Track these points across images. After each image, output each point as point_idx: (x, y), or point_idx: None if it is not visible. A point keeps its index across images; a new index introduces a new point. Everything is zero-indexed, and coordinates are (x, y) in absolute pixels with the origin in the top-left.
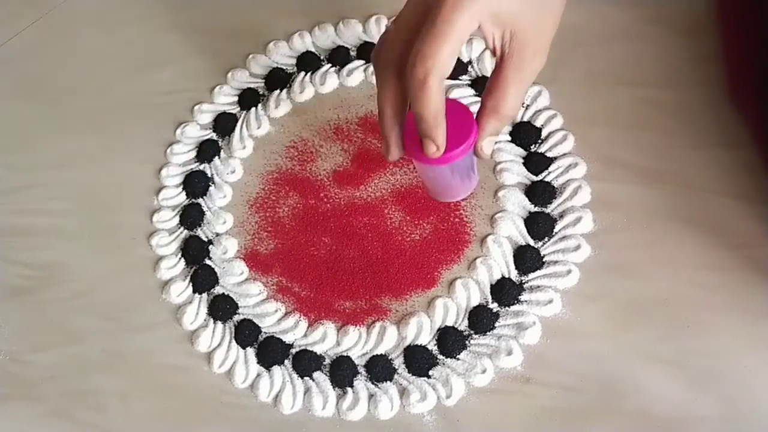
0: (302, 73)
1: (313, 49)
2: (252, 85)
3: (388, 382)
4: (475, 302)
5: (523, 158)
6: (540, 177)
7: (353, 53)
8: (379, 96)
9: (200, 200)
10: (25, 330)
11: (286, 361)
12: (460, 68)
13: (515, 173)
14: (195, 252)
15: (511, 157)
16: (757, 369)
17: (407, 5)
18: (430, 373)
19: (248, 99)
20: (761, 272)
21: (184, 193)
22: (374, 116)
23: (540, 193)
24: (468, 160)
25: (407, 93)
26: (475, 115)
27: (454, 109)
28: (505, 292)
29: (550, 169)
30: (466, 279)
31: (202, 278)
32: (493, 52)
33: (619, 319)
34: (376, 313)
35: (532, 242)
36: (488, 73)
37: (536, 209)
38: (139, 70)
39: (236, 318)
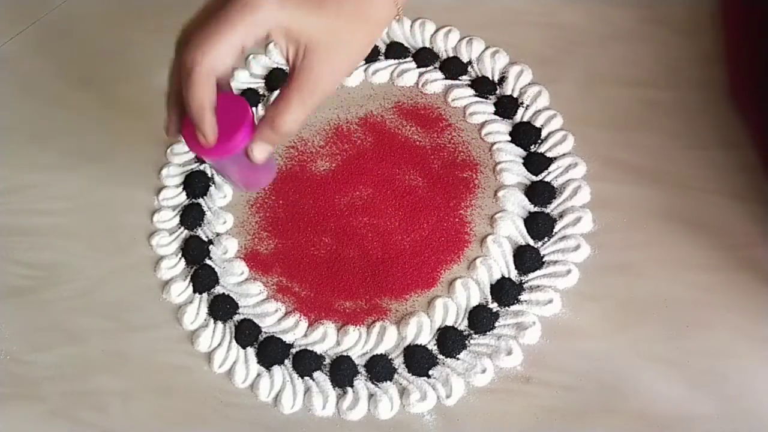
0: None
1: None
2: (252, 85)
3: (388, 381)
4: (475, 302)
5: (523, 158)
6: (540, 177)
7: None
8: (169, 71)
9: (200, 200)
10: (25, 330)
11: (286, 361)
12: (460, 68)
13: (515, 173)
14: (195, 252)
15: (511, 157)
16: (756, 369)
17: None
18: (430, 372)
19: (248, 99)
20: (760, 272)
21: (184, 193)
22: (374, 116)
23: (540, 193)
24: (243, 158)
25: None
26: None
27: (235, 106)
28: (505, 292)
29: (550, 169)
30: (466, 279)
31: (203, 278)
32: (288, 64)
33: (618, 318)
34: (376, 313)
35: (531, 242)
36: (488, 74)
37: (536, 209)
38: (139, 70)
39: (236, 318)
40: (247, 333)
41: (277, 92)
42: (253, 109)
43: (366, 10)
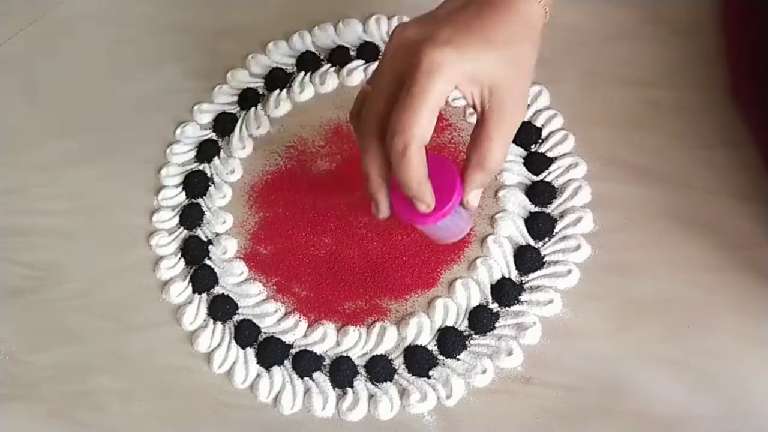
0: (302, 73)
1: (313, 49)
2: (252, 85)
3: (388, 382)
4: (475, 302)
5: (524, 158)
6: (540, 177)
7: (353, 53)
8: (363, 160)
9: (200, 200)
10: (25, 330)
11: (286, 362)
12: None
13: (515, 173)
14: (195, 252)
15: (512, 157)
16: (757, 369)
17: (382, 70)
18: (430, 373)
19: (248, 99)
20: (761, 272)
21: (183, 193)
22: None
23: (540, 193)
24: (457, 212)
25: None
26: (460, 168)
27: (437, 164)
28: (506, 292)
29: (551, 169)
30: (466, 279)
31: (202, 278)
32: (474, 108)
33: (619, 319)
34: (376, 313)
35: (532, 242)
36: None
37: (536, 209)
38: (139, 70)
39: (236, 318)
40: (246, 333)
41: (276, 92)
42: (253, 109)
43: (529, 30)
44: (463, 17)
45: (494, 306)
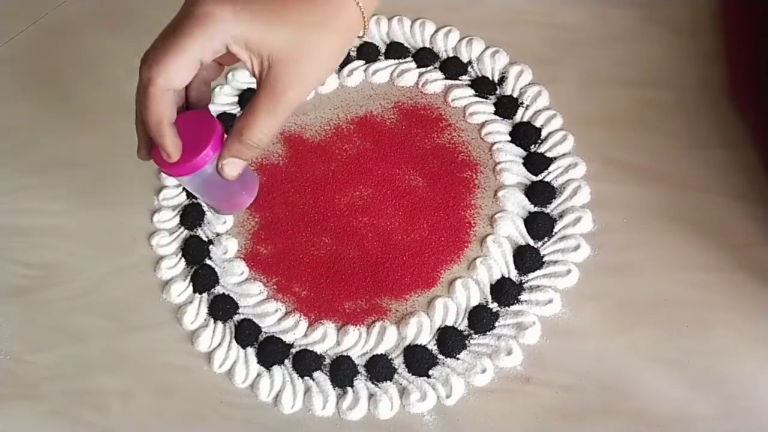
0: None
1: None
2: (252, 86)
3: (388, 381)
4: (474, 302)
5: (523, 158)
6: (540, 177)
7: (353, 53)
8: (136, 95)
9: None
10: (25, 330)
11: (286, 361)
12: (460, 68)
13: (515, 173)
14: (195, 252)
15: (511, 157)
16: (756, 368)
17: (178, 12)
18: (430, 372)
19: (248, 99)
20: (760, 272)
21: (184, 193)
22: (374, 116)
23: (540, 193)
24: (216, 177)
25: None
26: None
27: (204, 123)
28: (505, 291)
29: (550, 169)
30: (466, 279)
31: (203, 278)
32: (254, 77)
33: (618, 318)
34: (376, 312)
35: (531, 242)
36: (488, 74)
37: (536, 209)
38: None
39: (236, 318)
40: (247, 333)
41: None
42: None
43: (332, 21)
44: None
45: (494, 306)
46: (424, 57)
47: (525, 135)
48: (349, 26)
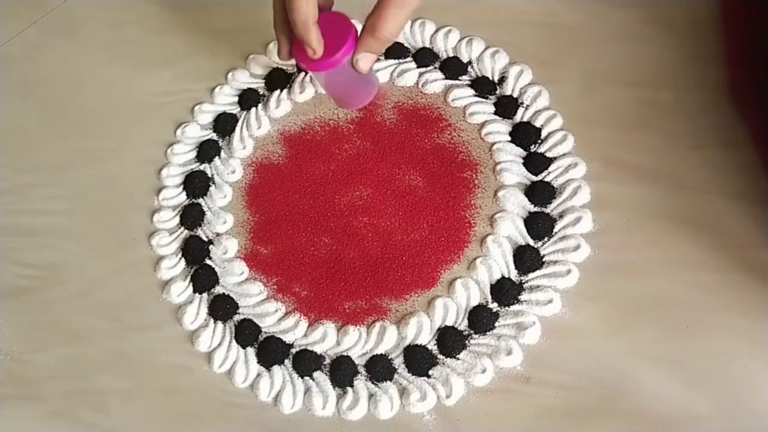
0: (302, 74)
1: None
2: (252, 86)
3: (388, 381)
4: (474, 302)
5: (523, 158)
6: (540, 177)
7: None
8: (273, 1)
9: (200, 200)
10: (25, 330)
11: (286, 361)
12: (460, 68)
13: (515, 173)
14: (195, 252)
15: (511, 157)
16: (756, 369)
17: None
18: (430, 372)
19: (248, 99)
20: (760, 272)
21: (184, 193)
22: (374, 116)
23: (540, 193)
24: (350, 72)
25: None
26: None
27: (339, 23)
28: (505, 292)
29: (550, 169)
30: (465, 279)
31: (203, 278)
32: None
33: (618, 319)
34: (376, 312)
35: (531, 242)
36: (488, 74)
37: (536, 209)
38: (139, 70)
39: (236, 318)
40: (247, 333)
41: (276, 92)
42: (254, 109)
43: None
44: None
45: (494, 306)
46: (424, 57)
47: (525, 135)
48: None
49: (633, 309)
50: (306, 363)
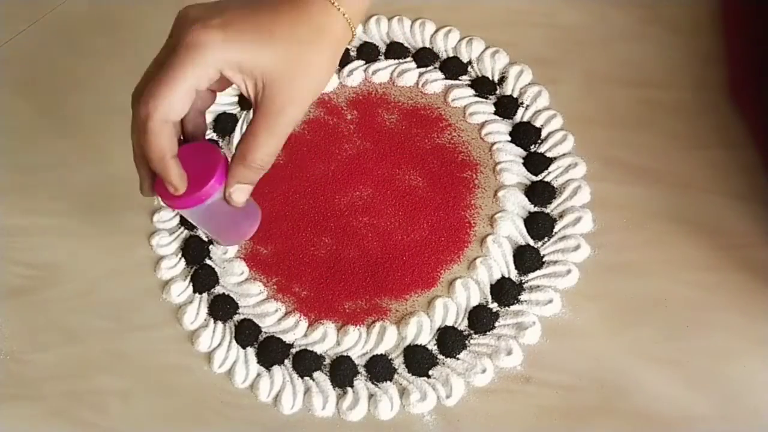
0: None
1: None
2: None
3: (388, 382)
4: (474, 302)
5: (523, 158)
6: (540, 177)
7: (353, 53)
8: (131, 132)
9: None
10: (25, 330)
11: (286, 361)
12: (460, 68)
13: (515, 173)
14: (195, 252)
15: (511, 157)
16: (756, 369)
17: (166, 42)
18: (430, 373)
19: (248, 104)
20: (760, 272)
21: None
22: (375, 116)
23: (540, 193)
24: (223, 206)
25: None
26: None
27: (208, 153)
28: (505, 291)
29: (550, 169)
30: (466, 279)
31: (203, 278)
32: (249, 100)
33: (618, 318)
34: (376, 313)
35: (531, 242)
36: (488, 74)
37: (536, 209)
38: (139, 71)
39: (236, 318)
40: (247, 333)
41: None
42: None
43: (321, 34)
44: (248, 9)
45: (494, 306)
46: (424, 57)
47: (525, 135)
48: (337, 38)
49: (633, 309)
50: (306, 363)
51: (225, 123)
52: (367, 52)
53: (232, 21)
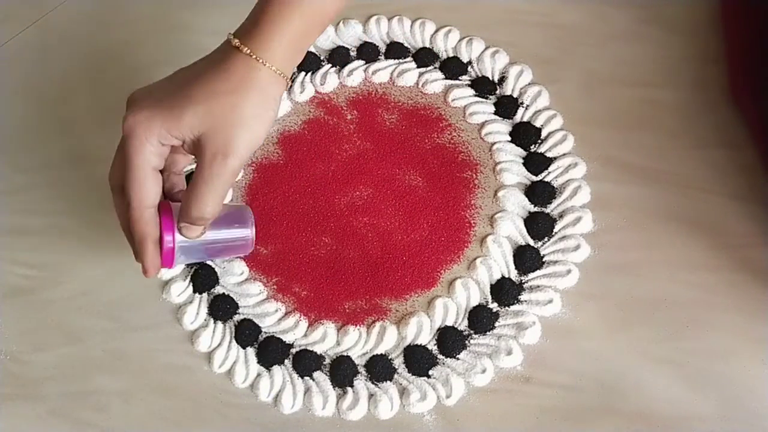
0: (302, 73)
1: (313, 49)
2: None
3: (388, 381)
4: (474, 302)
5: (523, 158)
6: (540, 177)
7: (353, 53)
8: (117, 213)
9: None
10: (25, 330)
11: (286, 361)
12: (460, 68)
13: (515, 173)
14: None
15: (511, 157)
16: (756, 369)
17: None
18: (430, 372)
19: None
20: (760, 272)
21: None
22: (375, 116)
23: (540, 193)
24: (190, 247)
25: None
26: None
27: (163, 211)
28: (505, 291)
29: (550, 169)
30: (466, 279)
31: (203, 278)
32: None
33: (618, 319)
34: (376, 312)
35: (531, 242)
36: (488, 74)
37: (536, 209)
38: (140, 71)
39: (236, 318)
40: (247, 333)
41: None
42: None
43: (245, 84)
44: (172, 82)
45: (494, 306)
46: (424, 57)
47: (525, 135)
48: (264, 86)
49: (633, 309)
50: (306, 363)
51: None
52: (367, 52)
53: (156, 97)
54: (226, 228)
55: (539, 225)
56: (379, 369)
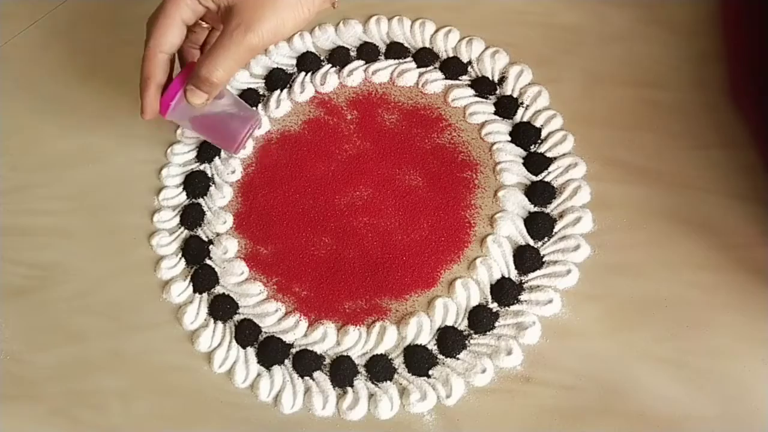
0: (302, 73)
1: (313, 49)
2: (252, 86)
3: (388, 381)
4: (474, 302)
5: (523, 158)
6: (540, 177)
7: (353, 53)
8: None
9: (201, 200)
10: (25, 330)
11: (286, 361)
12: (460, 68)
13: (515, 173)
14: (195, 252)
15: (511, 157)
16: (756, 369)
17: None
18: (430, 372)
19: (248, 99)
20: (760, 272)
21: (184, 193)
22: (375, 116)
23: (540, 193)
24: (208, 110)
25: None
26: None
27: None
28: (505, 292)
29: (550, 169)
30: (466, 279)
31: (203, 278)
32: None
33: (618, 319)
34: (376, 312)
35: (531, 242)
36: (488, 74)
37: (536, 209)
38: (139, 71)
39: (236, 318)
40: (247, 333)
41: (276, 92)
42: (256, 108)
43: None
44: None
45: (494, 306)
46: (424, 57)
47: (525, 135)
48: None
49: (633, 309)
50: (306, 363)
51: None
52: (367, 52)
53: None
54: (226, 109)
55: (539, 225)
56: (379, 369)
